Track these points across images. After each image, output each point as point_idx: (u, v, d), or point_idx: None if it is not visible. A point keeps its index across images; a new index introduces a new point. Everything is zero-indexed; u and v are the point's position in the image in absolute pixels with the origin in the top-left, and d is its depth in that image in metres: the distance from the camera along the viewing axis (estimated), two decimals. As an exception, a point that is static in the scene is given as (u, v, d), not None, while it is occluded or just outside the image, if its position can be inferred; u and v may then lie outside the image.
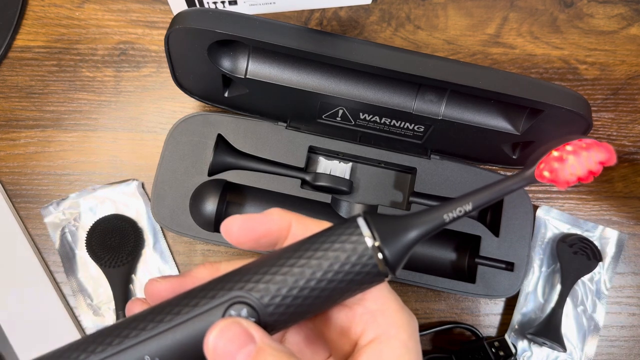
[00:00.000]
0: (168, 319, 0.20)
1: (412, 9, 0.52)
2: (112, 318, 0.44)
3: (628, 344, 0.47)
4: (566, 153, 0.19)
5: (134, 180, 0.47)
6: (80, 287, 0.45)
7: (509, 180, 0.21)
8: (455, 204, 0.21)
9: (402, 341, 0.21)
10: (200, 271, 0.24)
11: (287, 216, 0.23)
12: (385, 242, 0.21)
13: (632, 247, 0.49)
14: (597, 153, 0.19)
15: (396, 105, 0.40)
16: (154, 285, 0.23)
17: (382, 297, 0.23)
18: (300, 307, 0.21)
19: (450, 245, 0.47)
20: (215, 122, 0.44)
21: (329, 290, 0.21)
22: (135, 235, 0.45)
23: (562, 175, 0.19)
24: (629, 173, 0.50)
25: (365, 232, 0.21)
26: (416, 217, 0.21)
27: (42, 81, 0.49)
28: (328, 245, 0.21)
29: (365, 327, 0.22)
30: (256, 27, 0.35)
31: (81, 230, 0.46)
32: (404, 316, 0.22)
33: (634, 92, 0.51)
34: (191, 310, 0.20)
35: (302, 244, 0.21)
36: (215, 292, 0.21)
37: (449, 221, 0.21)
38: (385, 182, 0.46)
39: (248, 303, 0.20)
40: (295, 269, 0.21)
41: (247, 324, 0.20)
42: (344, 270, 0.20)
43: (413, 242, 0.21)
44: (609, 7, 0.53)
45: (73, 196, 0.47)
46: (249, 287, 0.20)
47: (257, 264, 0.21)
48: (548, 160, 0.20)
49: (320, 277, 0.20)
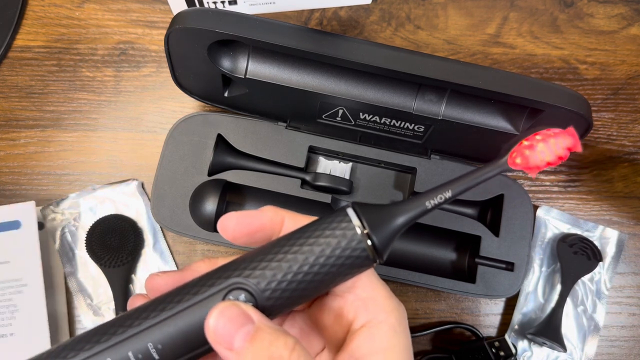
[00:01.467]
0: (170, 308, 0.21)
1: (412, 9, 0.52)
2: (112, 318, 0.44)
3: (628, 344, 0.47)
4: (536, 141, 0.21)
5: (133, 180, 0.47)
6: (80, 287, 0.45)
7: (484, 169, 0.22)
8: (436, 191, 0.23)
9: (391, 325, 0.23)
10: (199, 265, 0.25)
11: (280, 212, 0.25)
12: (373, 229, 0.22)
13: (632, 247, 0.49)
14: (564, 139, 0.21)
15: (396, 105, 0.40)
16: (155, 279, 0.24)
17: (371, 285, 0.24)
18: (295, 291, 0.22)
19: (450, 245, 0.47)
20: (215, 122, 0.44)
21: (321, 275, 0.22)
22: (135, 235, 0.45)
23: (532, 161, 0.21)
24: (629, 173, 0.50)
25: (355, 220, 0.22)
26: (401, 205, 0.23)
27: (42, 81, 0.49)
28: (320, 232, 0.22)
29: (357, 313, 0.23)
30: (256, 27, 0.35)
31: (81, 230, 0.46)
32: (393, 303, 0.24)
33: (634, 92, 0.51)
34: (192, 298, 0.21)
35: (295, 232, 0.23)
36: (214, 280, 0.22)
37: (430, 208, 0.23)
38: (385, 182, 0.46)
39: (246, 289, 0.21)
40: (290, 256, 0.22)
41: (245, 306, 0.21)
42: (335, 254, 0.22)
43: (399, 229, 0.23)
44: (609, 7, 0.53)
45: (73, 196, 0.46)
46: (246, 274, 0.22)
47: (253, 253, 0.22)
48: (520, 149, 0.21)
49: (313, 262, 0.22)
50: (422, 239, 0.47)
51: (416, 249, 0.47)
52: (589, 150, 0.50)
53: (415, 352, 0.46)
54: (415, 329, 0.46)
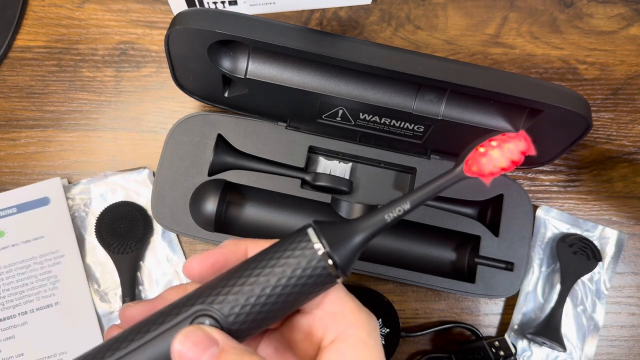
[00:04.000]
0: (139, 338, 0.22)
1: (412, 9, 0.52)
2: (118, 304, 0.45)
3: (628, 343, 0.47)
4: (491, 148, 0.21)
5: (145, 169, 0.47)
6: (88, 272, 0.45)
7: (440, 179, 0.22)
8: (395, 204, 0.23)
9: (360, 339, 0.23)
10: (169, 293, 0.25)
11: (241, 243, 0.25)
12: (334, 248, 0.22)
13: (631, 247, 0.49)
14: (518, 144, 0.21)
15: (396, 105, 0.40)
16: (128, 310, 0.25)
17: (339, 299, 0.24)
18: (260, 314, 0.22)
19: (450, 245, 0.47)
20: (215, 122, 0.45)
21: (284, 296, 0.22)
22: (145, 223, 0.45)
23: (487, 169, 0.21)
24: (629, 173, 0.50)
25: (314, 239, 0.22)
26: (361, 221, 0.23)
27: (42, 81, 0.49)
28: (280, 254, 0.22)
29: (326, 329, 0.23)
30: (256, 27, 0.35)
31: (91, 216, 0.46)
32: (362, 315, 0.24)
33: (633, 92, 0.51)
34: (159, 327, 0.22)
35: (258, 255, 0.23)
36: (179, 308, 0.22)
37: (390, 221, 0.23)
38: (385, 182, 0.46)
39: (210, 315, 0.22)
40: (252, 279, 0.22)
41: (210, 329, 0.21)
42: (296, 275, 0.22)
43: (360, 245, 0.23)
44: (609, 7, 0.53)
45: (84, 182, 0.47)
46: (209, 301, 0.22)
47: (217, 280, 0.23)
48: (474, 156, 0.21)
49: (275, 284, 0.22)
50: (422, 238, 0.47)
51: (416, 249, 0.47)
52: (589, 150, 0.51)
53: (415, 352, 0.46)
54: (415, 328, 0.47)
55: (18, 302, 0.43)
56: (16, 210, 0.45)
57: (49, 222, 0.45)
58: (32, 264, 0.44)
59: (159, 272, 0.46)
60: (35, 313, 0.43)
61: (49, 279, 0.44)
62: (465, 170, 0.22)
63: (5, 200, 0.45)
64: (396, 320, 0.44)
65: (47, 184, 0.46)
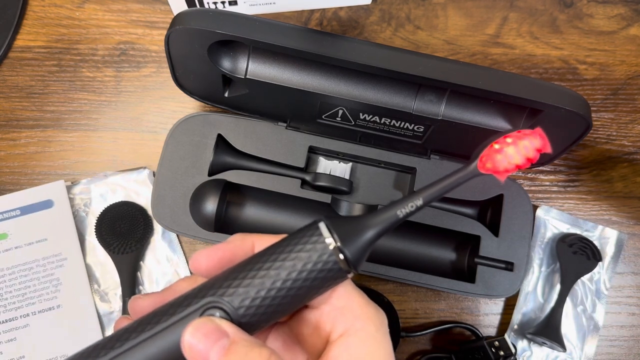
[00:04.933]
0: (149, 329, 0.22)
1: (412, 9, 0.52)
2: (118, 304, 0.45)
3: (628, 343, 0.47)
4: (506, 144, 0.21)
5: (145, 169, 0.47)
6: (88, 272, 0.45)
7: (454, 175, 0.22)
8: (408, 200, 0.22)
9: (369, 333, 0.23)
10: (180, 284, 0.25)
11: (248, 237, 0.25)
12: (345, 243, 0.22)
13: (631, 247, 0.49)
14: (533, 141, 0.21)
15: (396, 105, 0.40)
16: (137, 302, 0.25)
17: (347, 294, 0.24)
18: (270, 307, 0.22)
19: (450, 245, 0.47)
20: (215, 122, 0.45)
21: (294, 290, 0.22)
22: (145, 223, 0.45)
23: (502, 165, 0.21)
24: (629, 173, 0.50)
25: (326, 234, 0.22)
26: (373, 216, 0.23)
27: (42, 81, 0.49)
28: (291, 248, 0.22)
29: (334, 323, 0.23)
30: (256, 27, 0.35)
31: (91, 216, 0.46)
32: (370, 310, 0.24)
33: (633, 92, 0.51)
34: (169, 319, 0.22)
35: (269, 249, 0.23)
36: (190, 300, 0.22)
37: (402, 217, 0.22)
38: (385, 182, 0.46)
39: (220, 307, 0.22)
40: (262, 272, 0.22)
41: (220, 321, 0.21)
42: (307, 269, 0.22)
43: (372, 240, 0.23)
44: (609, 7, 0.53)
45: (84, 182, 0.47)
46: (220, 293, 0.22)
47: (228, 272, 0.23)
48: (489, 153, 0.21)
49: (285, 278, 0.22)
50: (422, 238, 0.47)
51: (416, 249, 0.47)
52: (589, 150, 0.51)
53: (415, 351, 0.46)
54: (415, 328, 0.47)
55: (20, 305, 0.43)
56: (19, 212, 0.45)
57: (52, 225, 0.45)
58: (35, 267, 0.44)
59: (159, 272, 0.46)
60: (37, 315, 0.43)
61: (51, 281, 0.44)
62: (480, 166, 0.21)
63: (9, 203, 0.45)
64: (396, 320, 0.44)
65: (50, 186, 0.45)
